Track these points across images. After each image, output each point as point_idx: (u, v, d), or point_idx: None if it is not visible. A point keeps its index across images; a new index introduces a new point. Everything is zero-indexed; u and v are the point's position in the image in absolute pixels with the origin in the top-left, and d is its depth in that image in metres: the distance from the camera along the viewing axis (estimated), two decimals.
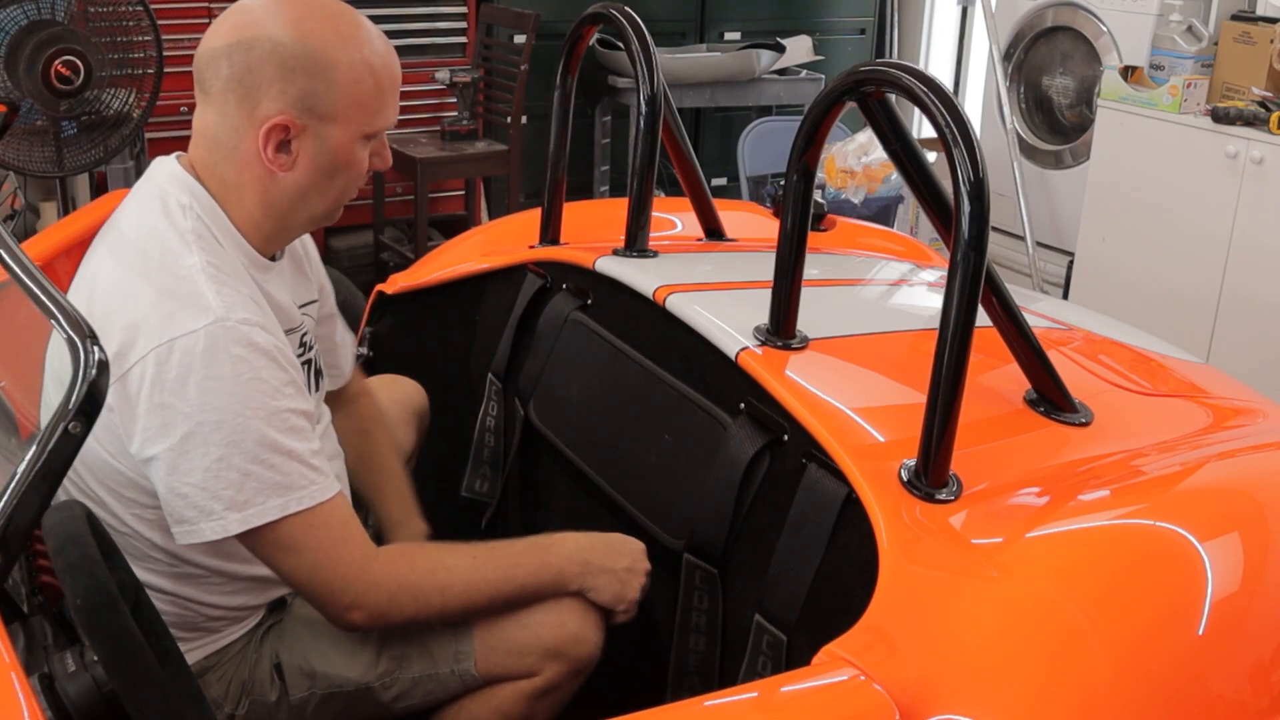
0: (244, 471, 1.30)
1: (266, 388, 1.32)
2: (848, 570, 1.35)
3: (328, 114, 1.37)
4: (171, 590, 1.45)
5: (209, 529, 1.32)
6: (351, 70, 1.37)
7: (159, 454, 1.30)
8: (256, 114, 1.35)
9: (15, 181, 3.97)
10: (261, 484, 1.31)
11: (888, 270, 2.22)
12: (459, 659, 1.51)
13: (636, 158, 1.97)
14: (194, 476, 1.30)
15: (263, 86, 1.34)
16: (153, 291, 1.32)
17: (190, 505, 1.31)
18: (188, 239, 1.36)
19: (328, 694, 1.51)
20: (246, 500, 1.30)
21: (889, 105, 1.45)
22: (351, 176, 1.43)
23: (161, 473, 1.31)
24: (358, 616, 1.40)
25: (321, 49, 1.35)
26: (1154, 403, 1.76)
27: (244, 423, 1.29)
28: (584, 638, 1.54)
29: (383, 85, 1.41)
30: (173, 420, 1.29)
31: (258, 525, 1.32)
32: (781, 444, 1.52)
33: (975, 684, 1.15)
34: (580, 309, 1.95)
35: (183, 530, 1.33)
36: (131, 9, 3.29)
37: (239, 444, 1.29)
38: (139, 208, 1.43)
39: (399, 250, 4.36)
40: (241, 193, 1.41)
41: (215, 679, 1.50)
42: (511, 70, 4.26)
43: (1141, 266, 3.80)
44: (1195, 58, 3.80)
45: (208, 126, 1.40)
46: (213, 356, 1.29)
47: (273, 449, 1.31)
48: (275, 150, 1.37)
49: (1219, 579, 1.29)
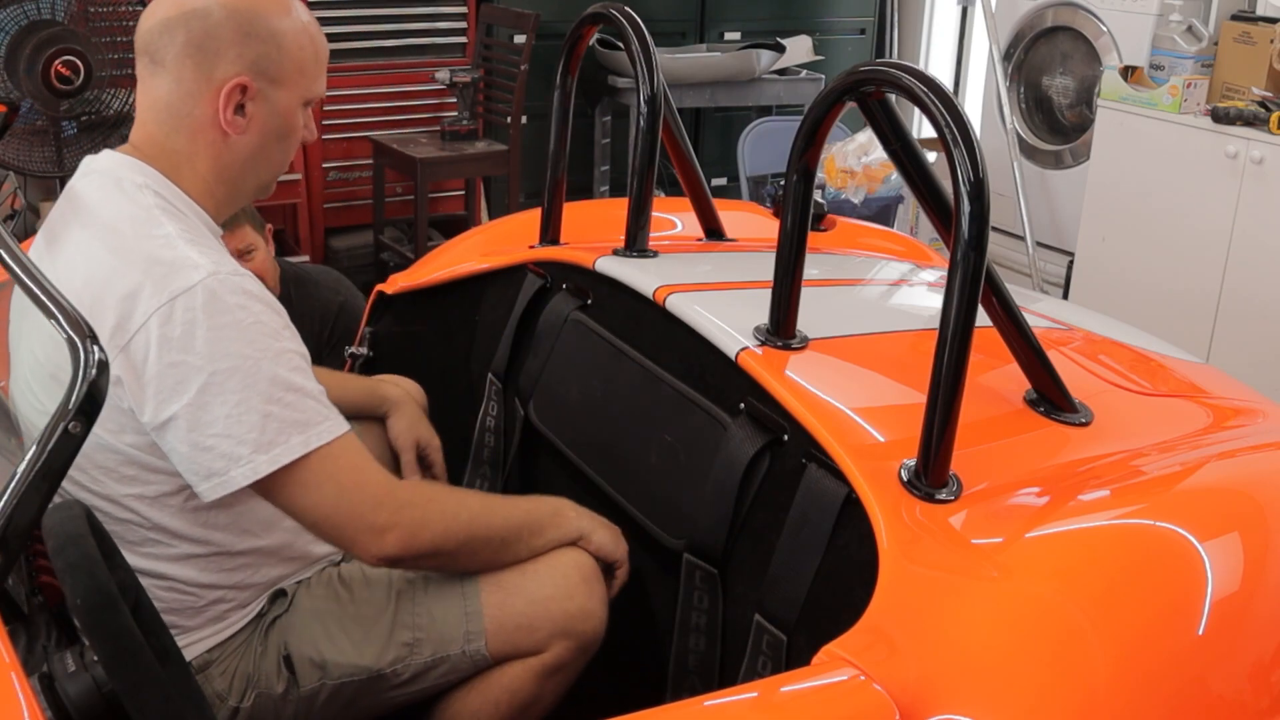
0: (264, 413, 1.32)
1: (269, 329, 1.35)
2: (848, 570, 1.35)
3: (277, 77, 1.44)
4: (170, 574, 1.46)
5: (239, 475, 1.33)
6: (296, 37, 1.45)
7: (177, 412, 1.32)
8: (215, 76, 1.40)
9: (15, 181, 3.97)
10: (282, 423, 1.33)
11: (888, 270, 2.22)
12: (470, 639, 1.52)
13: (636, 158, 1.97)
14: (217, 426, 1.31)
15: (221, 50, 1.40)
16: (140, 260, 1.34)
17: (218, 456, 1.32)
18: (154, 212, 1.39)
19: (339, 683, 1.51)
20: (271, 440, 1.32)
21: (889, 105, 1.45)
22: (292, 143, 1.50)
23: (183, 430, 1.32)
24: (392, 540, 1.40)
25: (268, 15, 1.43)
26: (1154, 403, 1.76)
27: (255, 365, 1.32)
28: (590, 612, 1.55)
29: (320, 53, 1.49)
30: (186, 375, 1.31)
31: (285, 463, 1.33)
32: (781, 444, 1.52)
33: (975, 684, 1.15)
34: (580, 309, 1.95)
35: (212, 485, 1.34)
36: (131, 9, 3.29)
37: (254, 386, 1.32)
38: (95, 194, 1.44)
39: (399, 250, 4.36)
40: (194, 162, 1.44)
41: (218, 672, 1.50)
42: (511, 70, 4.26)
43: (1141, 266, 3.80)
44: (1195, 58, 3.80)
45: (158, 98, 1.43)
46: (214, 307, 1.31)
47: (286, 387, 1.34)
48: (233, 113, 1.42)
49: (1219, 579, 1.29)
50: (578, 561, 1.58)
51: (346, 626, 1.52)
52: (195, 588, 1.47)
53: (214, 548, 1.46)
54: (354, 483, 1.38)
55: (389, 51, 4.40)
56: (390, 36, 4.39)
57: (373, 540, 1.40)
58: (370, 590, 1.55)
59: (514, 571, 1.56)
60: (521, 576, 1.56)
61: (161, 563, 1.45)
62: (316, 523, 1.40)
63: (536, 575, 1.56)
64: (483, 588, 1.54)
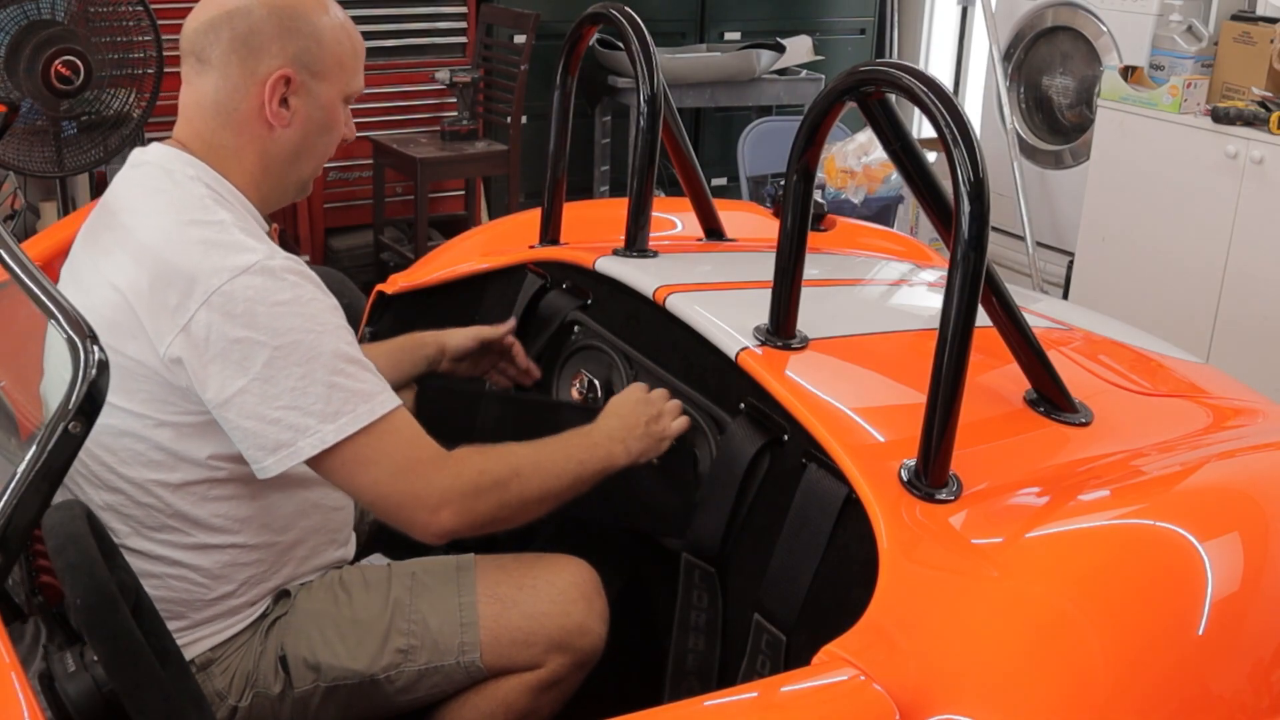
0: (329, 384, 1.36)
1: (325, 307, 1.40)
2: (847, 570, 1.35)
3: (319, 70, 1.48)
4: (185, 562, 1.46)
5: (306, 446, 1.36)
6: (334, 32, 1.50)
7: (244, 386, 1.35)
8: (260, 70, 1.45)
9: (15, 181, 3.97)
10: (347, 393, 1.37)
11: (888, 270, 2.22)
12: (465, 650, 1.52)
13: (636, 158, 1.97)
14: (284, 399, 1.35)
15: (265, 45, 1.45)
16: (197, 244, 1.38)
17: (285, 427, 1.35)
18: (206, 201, 1.43)
19: (332, 686, 1.51)
20: (336, 410, 1.36)
21: (889, 105, 1.45)
22: (334, 137, 1.54)
23: (250, 404, 1.35)
24: (447, 515, 1.41)
25: (306, 11, 1.48)
26: (1154, 403, 1.76)
27: (317, 339, 1.36)
28: (588, 629, 1.55)
29: (358, 48, 1.54)
30: (251, 351, 1.34)
31: (351, 433, 1.36)
32: (781, 444, 1.52)
33: (975, 684, 1.15)
34: (580, 309, 1.95)
35: (279, 457, 1.36)
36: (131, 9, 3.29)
37: (318, 358, 1.36)
38: (150, 183, 1.47)
39: (399, 250, 4.36)
40: (241, 156, 1.48)
41: (219, 671, 1.50)
42: (511, 70, 4.26)
43: (1141, 266, 3.80)
44: (1195, 58, 3.80)
45: (204, 95, 1.47)
46: (272, 286, 1.36)
47: (348, 360, 1.38)
48: (278, 105, 1.46)
49: (1219, 579, 1.29)
50: (577, 578, 1.58)
51: (342, 630, 1.52)
52: (207, 579, 1.48)
53: (230, 540, 1.47)
54: (408, 459, 1.41)
55: (389, 51, 4.40)
56: (390, 36, 4.39)
57: (429, 519, 1.41)
58: (368, 595, 1.55)
59: (512, 585, 1.56)
60: (519, 591, 1.56)
61: (177, 550, 1.46)
62: (372, 498, 1.42)
63: (534, 590, 1.56)
64: (480, 600, 1.55)
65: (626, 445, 1.58)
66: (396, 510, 1.42)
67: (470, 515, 1.43)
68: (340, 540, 1.62)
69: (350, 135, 1.56)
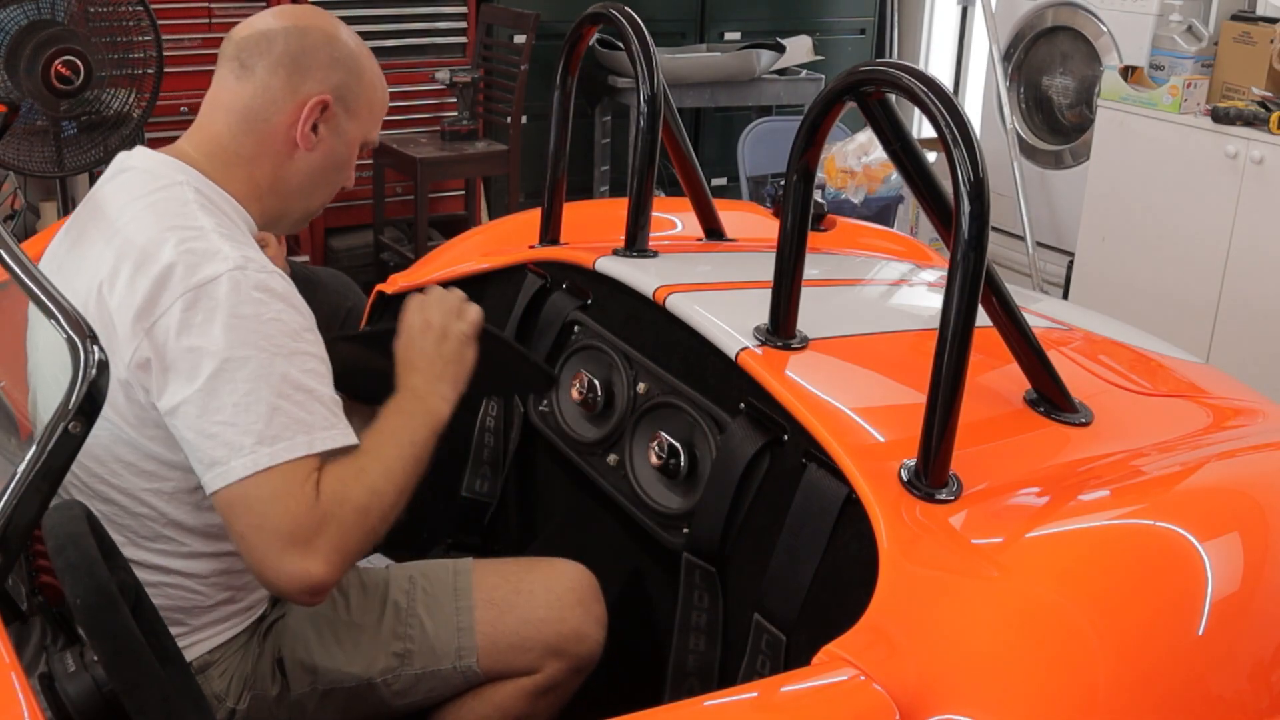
0: (272, 406, 1.31)
1: (287, 329, 1.35)
2: (848, 570, 1.35)
3: (353, 108, 1.51)
4: (181, 570, 1.46)
5: (239, 466, 1.30)
6: (373, 79, 1.54)
7: (189, 396, 1.32)
8: (301, 90, 1.47)
9: (15, 181, 3.97)
10: (289, 419, 1.32)
11: (888, 270, 2.22)
12: (461, 655, 1.52)
13: (636, 158, 1.97)
14: (223, 414, 1.31)
15: (313, 69, 1.47)
16: (172, 249, 1.36)
17: (221, 444, 1.31)
18: (190, 206, 1.42)
19: (329, 689, 1.51)
20: (275, 435, 1.31)
21: (889, 105, 1.45)
22: (341, 178, 1.56)
23: (192, 415, 1.32)
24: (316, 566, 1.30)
25: (358, 52, 1.53)
26: (1154, 403, 1.76)
27: (269, 360, 1.32)
28: (585, 634, 1.55)
29: (385, 101, 1.58)
30: (200, 361, 1.32)
31: (285, 460, 1.30)
32: (781, 444, 1.52)
33: (975, 684, 1.15)
34: (580, 309, 1.95)
35: (214, 474, 1.30)
36: (131, 9, 3.29)
37: (266, 379, 1.32)
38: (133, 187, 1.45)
39: (399, 250, 4.36)
40: (254, 166, 1.48)
41: (218, 674, 1.50)
42: (511, 70, 4.26)
43: (1141, 266, 3.80)
44: (1195, 58, 3.80)
45: (238, 100, 1.47)
46: (235, 298, 1.33)
47: (296, 387, 1.33)
48: (309, 128, 1.48)
49: (1219, 579, 1.29)
50: (574, 583, 1.58)
51: (338, 633, 1.52)
52: (205, 587, 1.48)
53: (225, 547, 1.46)
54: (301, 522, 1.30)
55: (389, 51, 4.40)
56: (390, 36, 4.39)
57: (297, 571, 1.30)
58: (366, 598, 1.55)
59: (508, 590, 1.56)
60: (515, 595, 1.56)
61: (174, 559, 1.45)
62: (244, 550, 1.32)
63: (531, 595, 1.56)
64: (476, 604, 1.55)
65: (439, 392, 1.48)
66: (267, 558, 1.30)
67: (343, 566, 1.33)
68: None
69: (350, 184, 1.59)
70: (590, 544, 1.91)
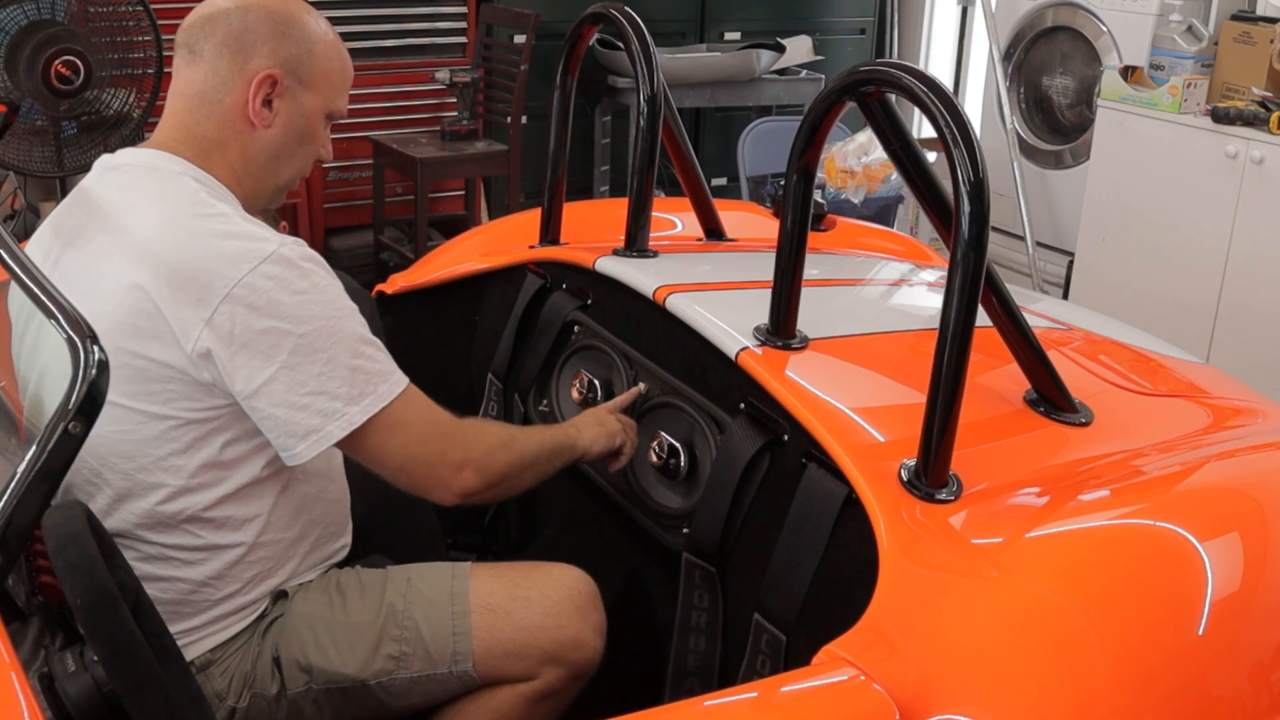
0: (351, 367, 1.40)
1: (338, 290, 1.43)
2: (848, 570, 1.35)
3: (306, 79, 1.52)
4: (194, 562, 1.46)
5: (335, 429, 1.40)
6: (327, 47, 1.54)
7: (273, 375, 1.37)
8: (249, 67, 1.48)
9: (15, 181, 3.97)
10: (368, 375, 1.41)
11: (888, 270, 2.22)
12: (457, 660, 1.52)
13: (636, 158, 1.97)
14: (311, 384, 1.38)
15: (257, 44, 1.48)
16: (205, 237, 1.39)
17: (314, 413, 1.39)
18: (200, 195, 1.44)
19: (324, 689, 1.51)
20: (360, 392, 1.40)
21: (889, 105, 1.45)
22: (312, 150, 1.58)
23: (279, 393, 1.37)
24: (469, 474, 1.48)
25: (305, 23, 1.52)
26: (1154, 403, 1.76)
27: (337, 324, 1.40)
28: (582, 642, 1.54)
29: (346, 69, 1.58)
30: (278, 340, 1.37)
31: (375, 412, 1.41)
32: (781, 444, 1.52)
33: (975, 684, 1.15)
34: (580, 309, 1.95)
35: (309, 443, 1.40)
36: (131, 9, 3.29)
37: (340, 343, 1.39)
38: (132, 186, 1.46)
39: (399, 250, 4.36)
40: (224, 150, 1.50)
41: (219, 672, 1.50)
42: (511, 70, 4.26)
43: (1141, 266, 3.80)
44: (1195, 58, 3.80)
45: (191, 85, 1.50)
46: (291, 274, 1.38)
47: (365, 342, 1.43)
48: (261, 104, 1.49)
49: (1219, 579, 1.29)
50: (572, 590, 1.57)
51: (335, 633, 1.52)
52: (212, 579, 1.48)
53: (237, 538, 1.47)
54: (430, 422, 1.47)
55: (389, 51, 4.40)
56: (390, 36, 4.39)
57: (450, 477, 1.48)
58: (363, 599, 1.55)
59: (505, 596, 1.55)
60: (513, 602, 1.55)
61: (186, 552, 1.46)
62: (402, 465, 1.46)
63: (528, 602, 1.55)
64: (473, 610, 1.54)
65: (591, 434, 1.68)
66: (426, 471, 1.47)
67: (487, 474, 1.50)
68: (340, 531, 1.62)
69: (327, 156, 1.60)
70: (590, 544, 1.91)
